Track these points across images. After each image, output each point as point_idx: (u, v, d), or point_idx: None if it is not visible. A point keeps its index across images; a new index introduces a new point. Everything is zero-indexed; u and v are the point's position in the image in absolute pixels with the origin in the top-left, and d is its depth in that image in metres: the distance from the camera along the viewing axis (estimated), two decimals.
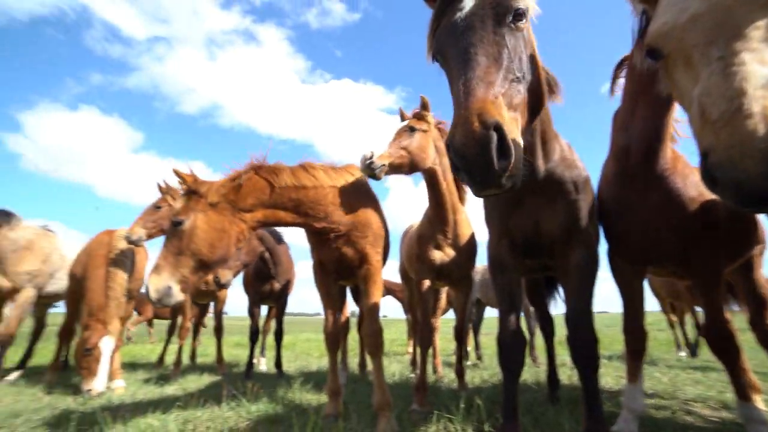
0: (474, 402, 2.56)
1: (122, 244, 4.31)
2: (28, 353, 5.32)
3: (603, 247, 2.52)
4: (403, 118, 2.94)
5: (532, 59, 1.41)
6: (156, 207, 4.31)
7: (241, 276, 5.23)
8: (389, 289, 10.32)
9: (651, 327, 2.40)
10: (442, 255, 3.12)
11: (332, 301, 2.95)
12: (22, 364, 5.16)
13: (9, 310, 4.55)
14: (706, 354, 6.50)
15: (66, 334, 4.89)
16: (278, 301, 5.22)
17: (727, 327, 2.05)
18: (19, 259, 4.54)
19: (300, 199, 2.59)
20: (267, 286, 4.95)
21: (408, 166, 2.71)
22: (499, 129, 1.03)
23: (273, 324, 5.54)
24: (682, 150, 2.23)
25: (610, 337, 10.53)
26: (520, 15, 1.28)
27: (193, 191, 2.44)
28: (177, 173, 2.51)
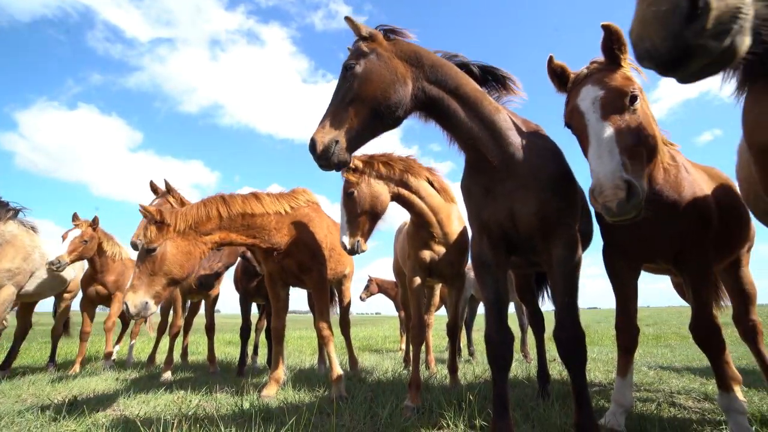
0: (466, 398, 2.58)
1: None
2: (12, 354, 5.22)
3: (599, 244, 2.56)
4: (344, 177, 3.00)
5: (369, 79, 1.85)
6: None
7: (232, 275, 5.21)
8: (381, 287, 10.32)
9: (639, 323, 2.44)
10: (432, 254, 3.15)
11: (279, 302, 3.68)
12: (5, 365, 5.07)
13: None
14: (689, 349, 6.64)
15: None
16: (267, 298, 5.20)
17: (713, 322, 2.08)
18: (1, 255, 4.41)
19: (249, 225, 3.18)
20: (254, 283, 4.92)
21: (380, 218, 2.94)
22: (313, 140, 1.77)
23: (265, 322, 5.52)
24: None
25: (600, 333, 10.71)
26: (350, 66, 1.85)
27: (161, 221, 2.85)
28: (144, 209, 2.92)
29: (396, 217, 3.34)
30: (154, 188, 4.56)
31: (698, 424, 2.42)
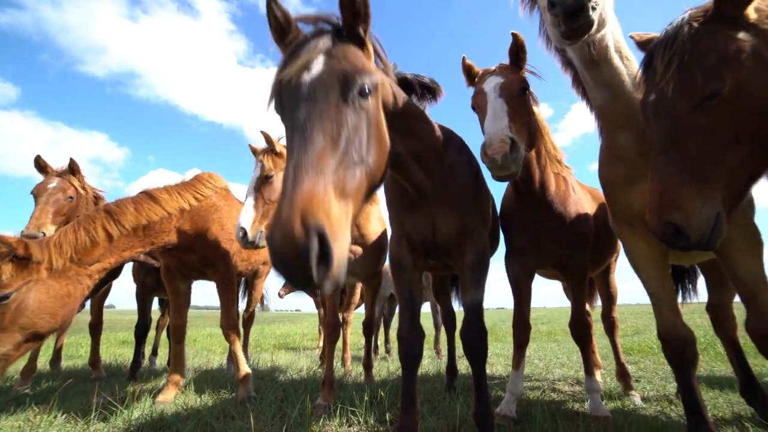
0: (377, 394, 2.62)
1: None
2: None
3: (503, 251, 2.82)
4: (255, 154, 2.87)
5: (378, 139, 1.26)
6: (68, 198, 3.58)
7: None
8: None
9: (535, 321, 2.75)
10: (348, 254, 3.15)
11: (179, 297, 3.32)
12: None
13: None
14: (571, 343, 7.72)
15: None
16: None
17: (586, 319, 2.53)
18: None
19: (145, 234, 2.70)
20: (151, 277, 4.39)
21: None
22: (321, 235, 0.93)
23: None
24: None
25: (505, 331, 11.83)
26: (365, 92, 1.20)
27: (25, 258, 2.12)
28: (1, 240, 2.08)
29: None
30: (41, 166, 3.69)
31: (569, 404, 2.92)
